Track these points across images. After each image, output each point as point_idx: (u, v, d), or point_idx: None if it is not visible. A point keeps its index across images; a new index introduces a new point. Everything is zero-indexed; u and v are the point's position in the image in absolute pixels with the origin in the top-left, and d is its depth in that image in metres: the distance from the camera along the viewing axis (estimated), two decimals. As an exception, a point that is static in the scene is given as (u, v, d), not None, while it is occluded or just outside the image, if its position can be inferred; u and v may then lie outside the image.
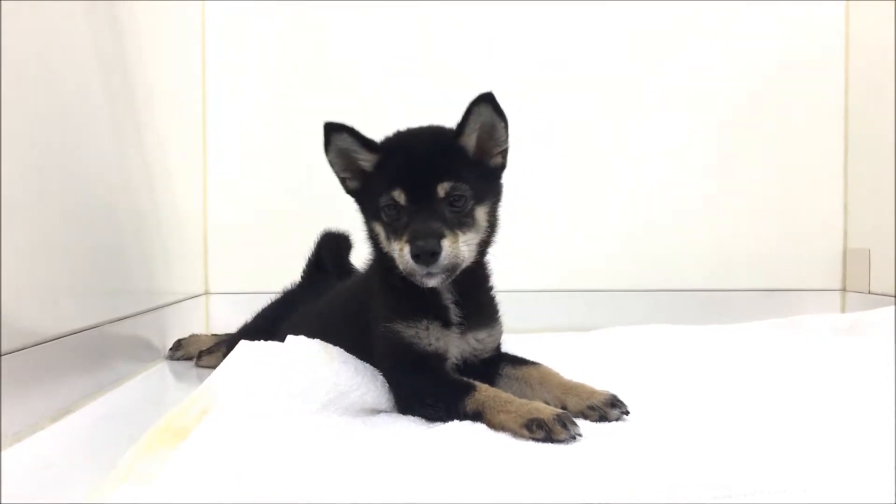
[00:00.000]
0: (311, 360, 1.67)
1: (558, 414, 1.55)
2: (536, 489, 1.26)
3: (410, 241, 1.64)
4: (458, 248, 1.69)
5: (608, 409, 1.71)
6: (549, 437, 1.52)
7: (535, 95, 3.47)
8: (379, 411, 1.79)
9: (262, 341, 1.69)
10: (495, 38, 3.59)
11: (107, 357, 2.33)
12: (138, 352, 2.63)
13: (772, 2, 3.62)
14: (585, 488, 1.26)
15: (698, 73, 3.64)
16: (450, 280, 1.73)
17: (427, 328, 1.82)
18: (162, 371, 2.63)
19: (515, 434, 1.57)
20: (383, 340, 1.82)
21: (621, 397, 1.75)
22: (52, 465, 1.58)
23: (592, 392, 1.76)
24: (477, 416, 1.64)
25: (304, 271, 2.62)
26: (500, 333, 1.99)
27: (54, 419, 1.87)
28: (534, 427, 1.54)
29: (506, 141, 1.85)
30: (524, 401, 1.64)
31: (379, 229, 1.80)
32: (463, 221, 1.74)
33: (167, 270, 3.08)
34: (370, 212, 1.84)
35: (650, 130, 3.66)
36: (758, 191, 3.72)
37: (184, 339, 2.81)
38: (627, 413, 1.72)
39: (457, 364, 1.89)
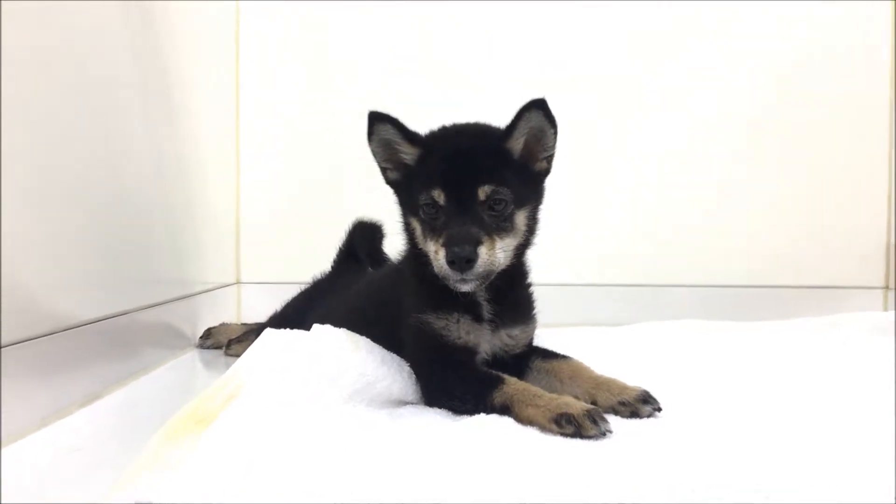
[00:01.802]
0: (337, 349, 1.65)
1: (588, 409, 1.52)
2: (564, 486, 1.23)
3: (446, 246, 1.62)
4: (495, 254, 1.66)
5: (640, 405, 1.67)
6: (579, 433, 1.49)
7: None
8: (405, 403, 1.77)
9: (288, 330, 1.67)
10: (496, 37, 3.56)
11: (136, 344, 2.35)
12: (168, 339, 2.64)
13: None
14: (615, 486, 1.23)
15: (730, 64, 3.57)
16: (484, 285, 1.72)
17: (458, 321, 1.79)
18: (191, 359, 2.64)
19: (543, 429, 1.53)
20: (413, 331, 1.80)
21: (654, 394, 1.70)
22: (79, 449, 1.58)
23: (624, 388, 1.71)
24: (505, 410, 1.61)
25: (335, 260, 2.61)
26: (534, 330, 1.96)
27: (83, 404, 1.88)
28: (563, 422, 1.51)
29: (553, 147, 1.82)
30: (553, 395, 1.61)
31: (416, 225, 1.78)
32: (502, 226, 1.71)
33: (199, 259, 3.10)
34: (408, 206, 1.82)
35: (693, 122, 3.59)
36: (799, 185, 3.61)
37: (213, 327, 2.81)
38: (660, 410, 1.68)
39: (487, 358, 1.86)
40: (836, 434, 1.55)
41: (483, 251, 1.62)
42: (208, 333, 2.79)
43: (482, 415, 1.60)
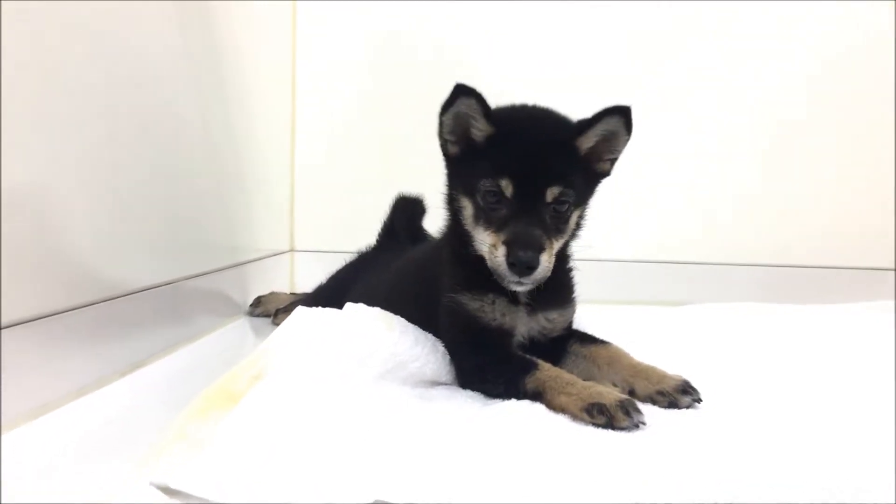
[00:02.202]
0: (369, 328, 1.64)
1: (621, 400, 1.47)
2: (586, 480, 1.19)
3: (509, 245, 1.59)
4: (552, 260, 1.63)
5: (679, 395, 1.61)
6: (611, 424, 1.45)
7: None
8: (438, 384, 1.75)
9: (319, 308, 1.67)
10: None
11: (187, 311, 2.40)
12: (220, 307, 2.69)
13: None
14: (641, 481, 1.18)
15: (757, 52, 3.44)
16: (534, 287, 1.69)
17: (493, 302, 1.76)
18: (242, 327, 2.69)
19: (575, 417, 1.50)
20: (447, 312, 1.78)
21: (695, 383, 1.65)
22: (120, 418, 1.62)
23: (663, 376, 1.66)
24: (537, 396, 1.58)
25: (379, 234, 2.59)
26: (573, 313, 1.91)
27: (129, 372, 1.92)
28: (594, 412, 1.47)
29: (621, 151, 1.76)
30: (588, 383, 1.57)
31: (467, 205, 1.72)
32: (560, 227, 1.68)
33: (253, 227, 3.14)
34: (464, 185, 1.74)
35: (753, 100, 3.44)
36: (873, 167, 3.44)
37: (263, 296, 2.85)
38: (700, 401, 1.62)
39: (523, 341, 1.83)
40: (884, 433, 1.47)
41: (544, 259, 1.59)
42: (258, 301, 2.83)
43: (513, 400, 1.58)
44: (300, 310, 1.65)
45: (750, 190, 3.53)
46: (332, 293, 2.32)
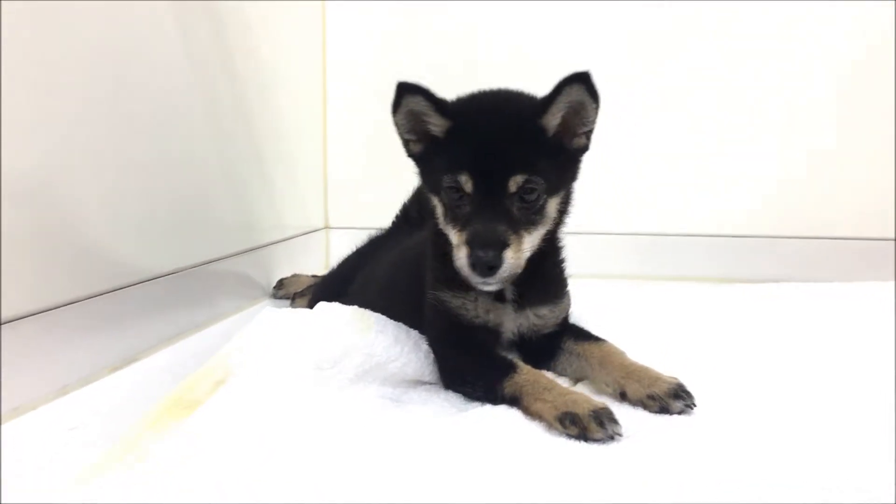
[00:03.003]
0: (342, 329, 1.59)
1: (596, 409, 1.38)
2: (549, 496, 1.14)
3: (469, 245, 1.48)
4: (521, 255, 1.51)
5: (670, 399, 1.51)
6: (584, 435, 1.36)
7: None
8: (422, 383, 1.69)
9: (286, 309, 1.62)
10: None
11: (212, 293, 2.41)
12: (244, 290, 2.70)
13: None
14: (643, 482, 1.16)
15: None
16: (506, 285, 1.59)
17: (475, 300, 1.68)
18: (262, 309, 2.69)
19: (550, 426, 1.42)
20: (430, 309, 1.71)
21: (691, 376, 1.56)
22: (142, 396, 1.58)
23: (656, 379, 1.55)
24: (514, 401, 1.51)
25: (395, 218, 2.52)
26: (566, 309, 1.81)
27: (142, 357, 1.93)
28: (567, 422, 1.38)
29: (593, 122, 1.61)
30: (565, 389, 1.48)
31: (437, 204, 1.64)
32: (531, 219, 1.55)
33: (287, 204, 3.15)
34: (430, 183, 1.67)
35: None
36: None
37: (286, 278, 2.84)
38: (692, 406, 1.51)
39: (512, 339, 1.75)
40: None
41: (508, 255, 1.47)
42: (281, 284, 2.82)
43: (488, 406, 1.51)
44: (266, 311, 1.62)
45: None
46: (340, 280, 2.29)
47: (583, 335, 1.76)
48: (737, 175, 3.30)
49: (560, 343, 1.75)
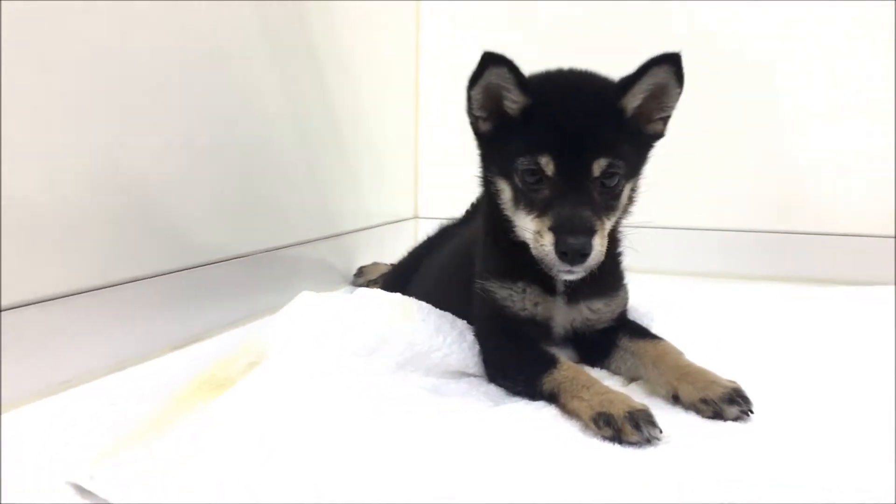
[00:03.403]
0: (381, 316, 1.56)
1: (632, 410, 1.29)
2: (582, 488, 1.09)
3: (556, 231, 1.40)
4: (605, 242, 1.44)
5: (724, 405, 1.39)
6: (618, 437, 1.28)
7: None
8: (466, 375, 1.64)
9: (327, 293, 1.61)
10: None
11: (292, 277, 2.48)
12: (323, 275, 2.74)
13: None
14: (643, 482, 1.11)
15: None
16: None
17: (524, 291, 1.61)
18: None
19: (586, 426, 1.34)
20: (477, 299, 1.65)
21: (748, 390, 1.41)
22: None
23: (712, 382, 1.43)
24: (552, 398, 1.43)
25: (468, 209, 2.47)
26: (623, 303, 1.71)
27: (219, 332, 2.02)
28: (601, 422, 1.30)
29: (673, 107, 1.54)
30: (605, 388, 1.39)
31: (505, 188, 1.55)
32: (610, 204, 1.49)
33: (373, 193, 3.18)
34: (499, 165, 1.57)
35: None
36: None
37: (365, 266, 2.86)
38: (750, 412, 1.38)
39: (564, 333, 1.67)
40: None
41: (597, 242, 1.40)
42: (360, 272, 2.84)
43: (524, 402, 1.45)
44: (303, 294, 1.60)
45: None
46: (407, 269, 2.27)
47: (640, 332, 1.65)
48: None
49: (615, 340, 1.65)
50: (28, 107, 1.47)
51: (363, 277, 2.82)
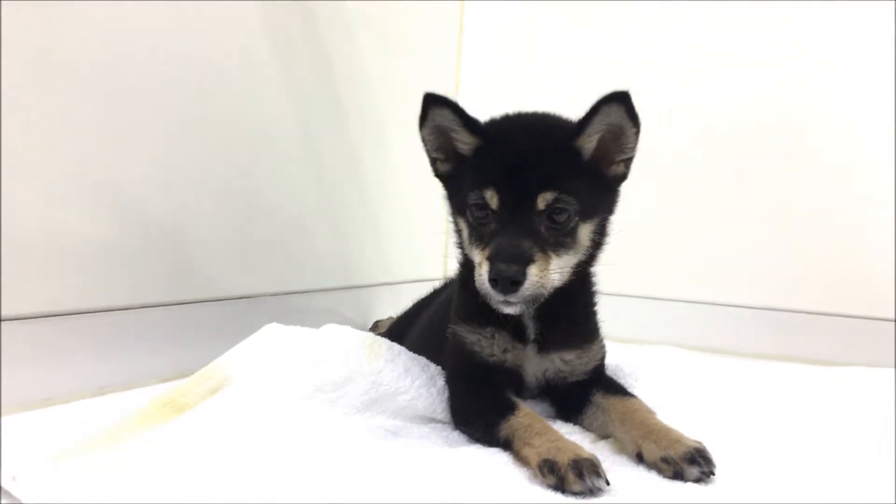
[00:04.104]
0: (348, 353, 1.55)
1: (577, 459, 1.25)
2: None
3: (491, 260, 1.40)
4: (548, 275, 1.41)
5: (685, 465, 1.32)
6: (561, 486, 1.24)
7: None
8: (436, 420, 1.61)
9: (294, 327, 1.62)
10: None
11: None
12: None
13: None
14: None
15: None
16: (533, 308, 1.49)
17: (493, 336, 1.59)
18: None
19: (534, 474, 1.30)
20: (448, 344, 1.65)
21: (711, 452, 1.35)
22: None
23: (676, 441, 1.37)
24: (507, 445, 1.40)
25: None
26: (597, 356, 1.67)
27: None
28: (546, 469, 1.26)
29: (633, 149, 1.53)
30: (558, 435, 1.35)
31: (463, 227, 1.58)
32: (561, 241, 1.46)
33: (397, 250, 3.22)
34: (456, 205, 1.61)
35: None
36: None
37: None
38: (710, 474, 1.32)
39: (536, 384, 1.64)
40: None
41: (533, 272, 1.38)
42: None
43: (481, 448, 1.42)
44: (270, 326, 1.62)
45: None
46: (407, 320, 2.28)
47: (614, 388, 1.61)
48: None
49: (590, 396, 1.61)
50: (33, 132, 1.58)
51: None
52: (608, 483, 1.25)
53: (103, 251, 1.76)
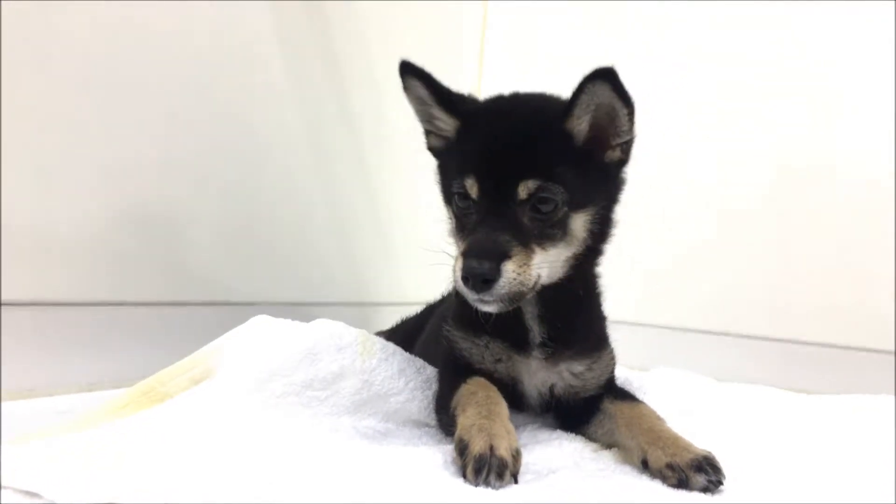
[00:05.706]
0: (340, 349, 1.48)
1: (485, 454, 1.15)
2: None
3: (464, 256, 1.29)
4: (529, 271, 1.29)
5: (691, 472, 1.23)
6: (463, 472, 1.17)
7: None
8: (430, 425, 1.53)
9: (284, 319, 1.54)
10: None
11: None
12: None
13: None
14: None
15: None
16: (512, 307, 1.36)
17: (486, 346, 1.49)
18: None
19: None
20: (441, 345, 1.57)
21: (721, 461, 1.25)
22: None
23: (683, 448, 1.28)
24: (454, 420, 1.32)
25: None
26: (609, 368, 1.56)
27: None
28: (458, 449, 1.20)
29: (630, 131, 1.40)
30: (495, 412, 1.27)
31: (450, 216, 1.49)
32: (547, 233, 1.34)
33: (418, 274, 3.13)
34: (445, 192, 1.51)
35: None
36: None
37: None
38: (718, 483, 1.23)
39: (542, 398, 1.53)
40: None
41: (509, 268, 1.26)
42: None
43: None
44: (258, 318, 1.54)
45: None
46: (415, 325, 2.20)
47: (621, 395, 1.52)
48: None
49: (599, 404, 1.50)
50: (29, 126, 1.57)
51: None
52: (516, 482, 1.17)
53: (99, 245, 1.72)
